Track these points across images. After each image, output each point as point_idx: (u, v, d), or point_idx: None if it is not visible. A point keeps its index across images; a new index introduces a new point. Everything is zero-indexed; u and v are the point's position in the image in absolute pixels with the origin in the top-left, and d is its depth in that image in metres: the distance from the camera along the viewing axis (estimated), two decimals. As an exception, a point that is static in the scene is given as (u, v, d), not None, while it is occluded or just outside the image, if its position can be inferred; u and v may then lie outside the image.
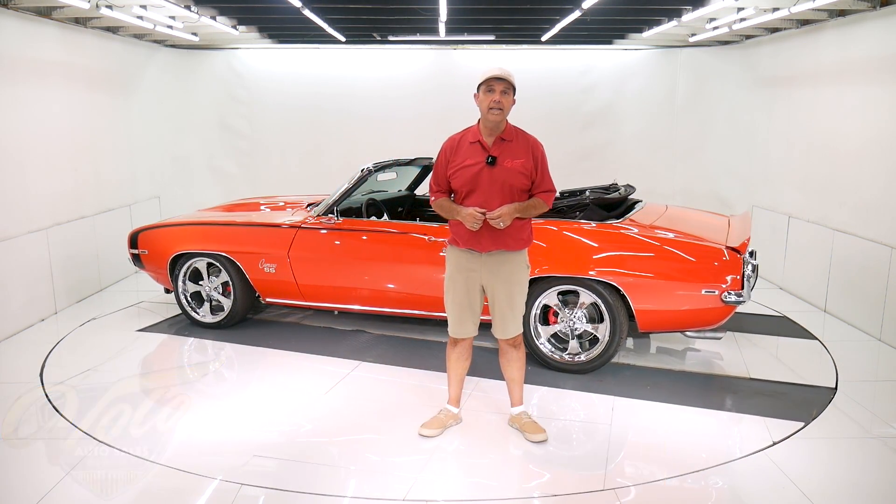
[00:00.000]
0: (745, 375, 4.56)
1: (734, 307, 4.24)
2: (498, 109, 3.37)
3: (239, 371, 4.72)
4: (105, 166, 6.89)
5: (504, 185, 3.41)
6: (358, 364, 4.71)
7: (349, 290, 5.04)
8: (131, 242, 5.58)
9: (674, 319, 4.37)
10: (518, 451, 3.58)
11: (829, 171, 6.00)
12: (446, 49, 8.62)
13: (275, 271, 5.12)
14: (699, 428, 3.86)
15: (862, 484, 3.30)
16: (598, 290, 4.38)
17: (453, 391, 3.79)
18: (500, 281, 3.52)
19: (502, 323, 3.59)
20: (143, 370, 4.75)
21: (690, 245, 4.37)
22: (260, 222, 5.31)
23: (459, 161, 3.46)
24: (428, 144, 8.49)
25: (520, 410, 3.78)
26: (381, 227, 5.00)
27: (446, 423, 3.74)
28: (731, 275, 4.19)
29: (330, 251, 5.03)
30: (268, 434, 3.74)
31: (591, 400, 4.19)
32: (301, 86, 8.70)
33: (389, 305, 5.02)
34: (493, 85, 3.38)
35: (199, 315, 5.42)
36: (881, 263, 5.19)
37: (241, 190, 8.56)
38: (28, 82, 5.58)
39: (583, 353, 4.49)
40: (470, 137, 3.49)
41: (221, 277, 5.32)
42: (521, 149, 3.46)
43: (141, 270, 5.76)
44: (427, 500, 3.11)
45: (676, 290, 4.30)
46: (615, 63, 8.63)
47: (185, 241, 5.34)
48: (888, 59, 5.22)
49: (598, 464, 3.44)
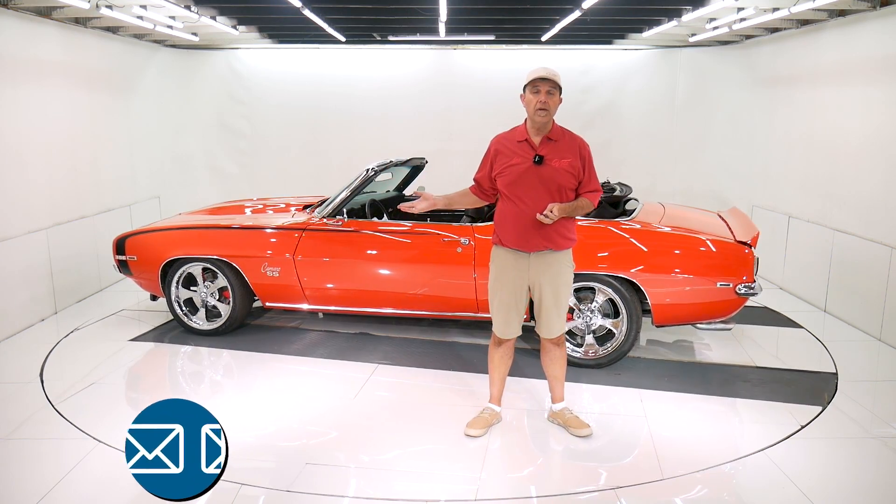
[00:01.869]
0: (750, 364, 4.73)
1: (746, 299, 4.41)
2: (544, 110, 3.38)
3: (251, 377, 4.58)
4: (105, 166, 6.89)
5: (551, 184, 3.43)
6: (376, 367, 4.66)
7: (360, 292, 4.95)
8: (117, 248, 5.33)
9: (689, 312, 4.51)
10: (564, 447, 3.64)
11: (829, 171, 6.00)
12: (446, 49, 8.62)
13: (279, 275, 4.98)
14: (728, 416, 4.04)
15: (862, 483, 3.30)
16: (614, 286, 4.47)
17: (495, 390, 3.80)
18: (547, 280, 3.53)
19: (548, 322, 3.62)
20: (140, 377, 4.70)
21: (705, 241, 4.51)
22: (262, 225, 5.16)
23: (506, 160, 3.48)
24: (428, 144, 8.57)
25: (562, 406, 3.82)
26: (394, 227, 4.95)
27: (490, 422, 3.75)
28: (745, 268, 4.37)
29: (340, 253, 4.93)
30: (310, 440, 3.70)
31: (616, 393, 4.27)
32: (301, 86, 8.70)
33: (403, 307, 4.96)
34: (539, 85, 3.39)
35: (195, 322, 5.24)
36: (881, 263, 5.19)
37: (242, 190, 8.55)
38: (28, 82, 5.58)
39: (601, 348, 4.58)
40: (517, 136, 3.51)
41: (218, 283, 5.15)
42: (568, 149, 3.47)
43: (127, 277, 5.49)
44: (497, 499, 3.13)
45: (693, 285, 4.43)
46: (615, 63, 8.63)
47: (178, 245, 5.13)
48: (888, 59, 5.22)
49: (649, 455, 3.52)
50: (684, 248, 4.51)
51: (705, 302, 4.44)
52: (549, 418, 3.87)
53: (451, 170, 8.58)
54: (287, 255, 4.96)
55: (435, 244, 4.77)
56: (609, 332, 4.59)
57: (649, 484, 3.24)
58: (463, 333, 5.32)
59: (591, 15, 5.98)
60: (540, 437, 3.74)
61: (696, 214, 5.29)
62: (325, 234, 4.98)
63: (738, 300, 4.41)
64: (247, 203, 6.13)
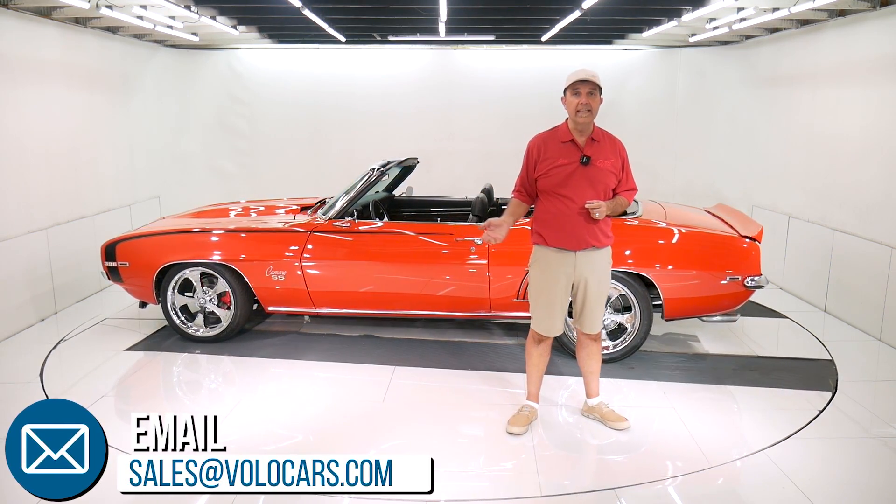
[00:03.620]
0: (752, 354, 4.94)
1: (753, 291, 4.57)
2: (586, 111, 3.42)
3: (269, 384, 4.46)
4: (105, 166, 6.89)
5: (597, 183, 3.48)
6: (394, 369, 4.63)
7: (372, 294, 4.88)
8: (107, 254, 5.09)
9: (699, 306, 4.65)
10: (609, 440, 3.69)
11: (829, 171, 6.00)
12: (446, 49, 8.62)
13: (284, 278, 4.86)
14: (749, 405, 4.15)
15: (861, 483, 3.30)
16: (627, 282, 4.57)
17: (533, 387, 3.85)
18: (592, 277, 3.58)
19: (591, 318, 3.67)
20: (137, 386, 4.53)
21: (715, 236, 4.65)
22: (266, 228, 5.05)
23: (551, 161, 3.50)
24: (428, 144, 8.58)
25: (598, 401, 3.88)
26: (405, 228, 4.93)
27: (531, 419, 3.80)
28: (752, 261, 4.55)
29: (352, 255, 4.85)
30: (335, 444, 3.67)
31: (638, 386, 4.38)
32: (301, 86, 8.70)
33: (416, 308, 4.92)
34: (579, 88, 3.43)
35: (193, 329, 5.05)
36: (881, 263, 5.19)
37: (241, 190, 8.56)
38: (28, 82, 5.58)
39: (616, 343, 4.66)
40: (561, 137, 3.54)
41: (217, 288, 4.99)
42: (609, 149, 3.54)
43: (115, 284, 5.24)
44: (564, 494, 3.17)
45: (704, 279, 4.57)
46: (615, 63, 8.63)
47: (176, 250, 4.94)
48: (888, 59, 5.22)
49: (687, 443, 3.63)
50: (696, 244, 4.66)
51: (715, 295, 4.58)
52: (585, 413, 3.91)
53: (451, 169, 8.62)
54: (294, 259, 4.86)
55: (449, 244, 4.78)
56: (620, 327, 4.67)
57: (690, 475, 3.34)
58: (464, 333, 5.33)
59: (591, 15, 5.99)
60: (581, 432, 3.81)
61: (694, 213, 5.35)
62: (334, 235, 4.91)
63: (745, 292, 4.56)
64: (231, 206, 5.96)
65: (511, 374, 4.51)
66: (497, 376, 4.50)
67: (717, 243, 4.64)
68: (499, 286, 4.72)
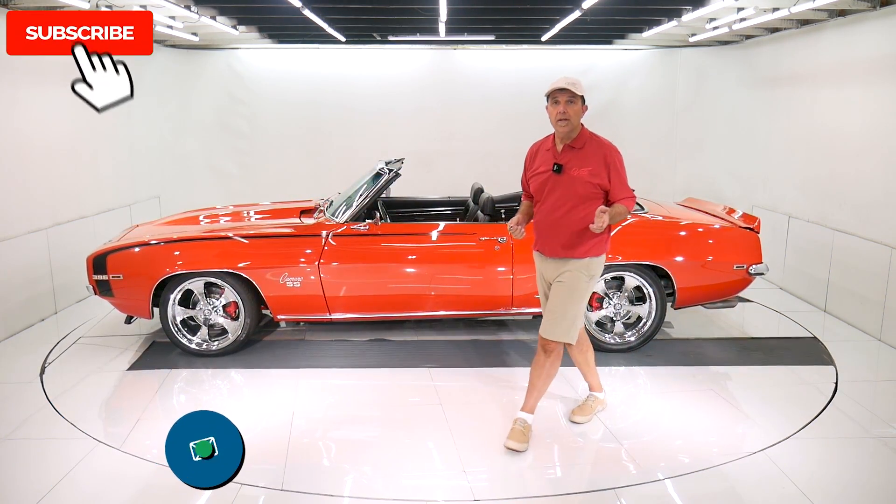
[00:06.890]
0: (745, 336, 5.35)
1: (754, 278, 4.93)
2: (564, 120, 3.42)
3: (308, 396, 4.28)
4: (105, 166, 6.89)
5: (569, 192, 3.45)
6: (422, 371, 4.60)
7: (395, 297, 4.82)
8: (95, 267, 4.69)
9: (707, 294, 4.96)
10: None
11: (829, 171, 6.00)
12: (446, 49, 8.62)
13: (300, 285, 4.67)
14: (774, 380, 4.46)
15: (861, 483, 3.30)
16: (643, 274, 4.80)
17: (592, 380, 3.98)
18: (556, 284, 3.59)
19: (547, 319, 3.69)
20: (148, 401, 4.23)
21: (722, 228, 4.98)
22: (277, 233, 4.84)
23: (535, 167, 3.60)
24: (428, 144, 8.58)
25: (531, 417, 3.69)
26: (429, 229, 4.95)
27: (594, 409, 3.95)
28: (755, 250, 4.92)
29: (376, 257, 4.76)
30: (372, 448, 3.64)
31: (670, 372, 4.60)
32: (301, 86, 8.70)
33: (437, 309, 4.89)
34: (558, 96, 3.43)
35: (195, 344, 4.75)
36: (881, 263, 5.19)
37: (241, 190, 8.57)
38: (28, 82, 5.58)
39: (632, 333, 4.89)
40: (546, 144, 3.61)
41: (223, 298, 4.73)
42: (592, 156, 3.47)
43: (104, 298, 4.81)
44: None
45: (714, 268, 4.88)
46: (615, 63, 8.63)
47: (178, 260, 4.63)
48: (888, 59, 5.22)
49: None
50: (707, 236, 4.93)
51: (721, 283, 4.90)
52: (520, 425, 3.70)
53: (451, 169, 8.62)
54: (309, 264, 4.69)
55: (474, 244, 4.84)
56: (637, 317, 4.89)
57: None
58: (476, 331, 5.35)
59: (591, 15, 5.99)
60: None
61: (687, 210, 5.47)
62: (355, 238, 4.77)
63: (748, 280, 4.91)
64: (205, 211, 5.73)
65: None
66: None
67: (725, 234, 4.94)
68: (521, 283, 4.80)
